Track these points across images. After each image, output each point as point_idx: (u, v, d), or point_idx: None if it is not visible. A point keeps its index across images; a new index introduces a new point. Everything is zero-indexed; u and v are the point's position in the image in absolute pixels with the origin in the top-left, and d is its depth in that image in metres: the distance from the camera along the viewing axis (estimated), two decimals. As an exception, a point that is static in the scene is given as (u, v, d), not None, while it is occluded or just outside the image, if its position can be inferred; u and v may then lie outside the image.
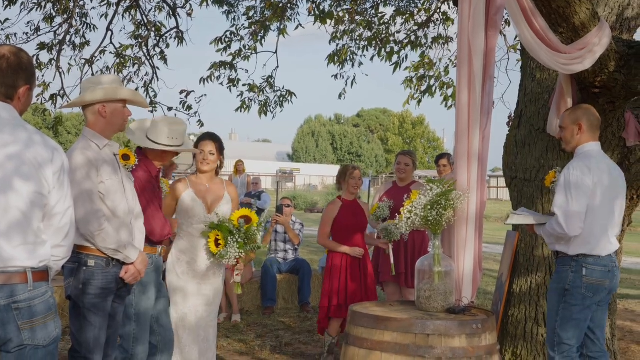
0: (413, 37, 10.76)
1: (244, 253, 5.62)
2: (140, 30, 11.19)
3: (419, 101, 10.74)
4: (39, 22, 10.91)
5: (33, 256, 3.31)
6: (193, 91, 10.90)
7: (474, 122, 5.14)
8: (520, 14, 5.20)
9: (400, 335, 4.35)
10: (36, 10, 10.63)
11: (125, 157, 4.85)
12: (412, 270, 7.34)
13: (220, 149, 5.97)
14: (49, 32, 10.82)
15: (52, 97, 10.79)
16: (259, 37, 10.69)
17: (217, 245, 5.64)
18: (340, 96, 11.55)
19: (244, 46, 10.78)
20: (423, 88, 10.72)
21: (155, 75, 11.20)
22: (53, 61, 10.76)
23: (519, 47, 9.30)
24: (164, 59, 11.24)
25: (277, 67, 11.10)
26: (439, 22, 10.90)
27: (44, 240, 3.38)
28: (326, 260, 7.59)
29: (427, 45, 10.85)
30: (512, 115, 7.19)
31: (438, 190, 4.85)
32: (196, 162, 5.96)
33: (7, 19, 10.51)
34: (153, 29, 11.12)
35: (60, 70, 10.75)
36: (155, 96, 11.10)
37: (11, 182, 3.28)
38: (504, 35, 10.50)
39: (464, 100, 5.16)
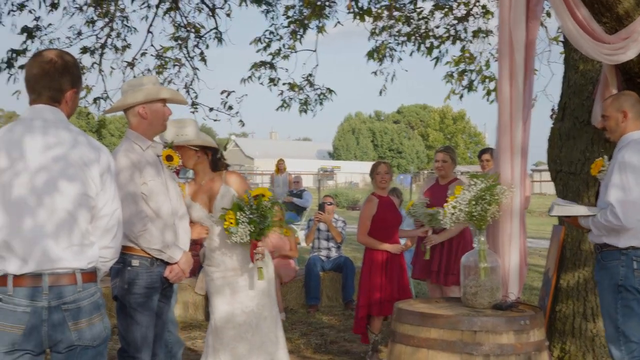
0: (453, 32, 10.67)
1: (255, 230, 5.16)
2: (180, 32, 11.25)
3: (461, 96, 10.64)
4: (80, 26, 11.02)
5: (81, 257, 3.35)
6: (233, 91, 10.96)
7: (516, 116, 5.08)
8: (562, 4, 5.12)
9: (447, 332, 4.32)
10: (78, 14, 10.74)
11: (169, 158, 4.88)
12: (447, 268, 7.32)
13: (203, 151, 5.42)
14: (91, 35, 10.92)
15: (96, 100, 10.92)
16: (298, 36, 10.69)
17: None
18: (380, 92, 11.50)
19: (284, 45, 10.79)
20: (464, 82, 10.63)
21: (195, 76, 11.26)
22: (95, 64, 10.89)
23: (560, 38, 9.18)
24: (203, 59, 11.28)
25: (317, 65, 11.10)
26: (478, 16, 10.78)
27: (92, 242, 3.41)
28: (364, 258, 7.57)
29: (467, 39, 10.75)
30: (556, 108, 7.10)
31: (482, 185, 4.81)
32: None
33: (50, 24, 10.69)
34: (192, 30, 11.17)
35: (103, 73, 10.90)
36: (196, 97, 11.16)
37: (57, 183, 3.31)
38: (545, 27, 10.36)
39: (505, 93, 5.11)
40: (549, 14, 9.59)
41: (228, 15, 11.12)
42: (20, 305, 3.26)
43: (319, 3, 10.33)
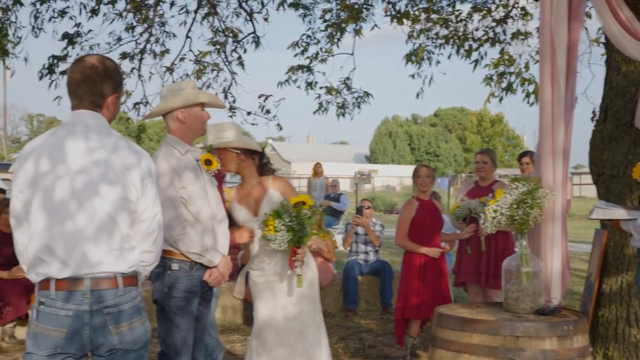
0: (491, 34, 10.57)
1: (293, 238, 5.16)
2: (218, 37, 11.31)
3: (500, 99, 10.54)
4: (120, 32, 11.14)
5: (122, 261, 3.36)
6: (271, 95, 10.96)
7: (558, 118, 5.02)
8: (605, 5, 5.04)
9: (489, 337, 4.26)
10: (117, 20, 10.85)
11: (208, 162, 4.89)
12: (494, 270, 7.25)
13: (250, 151, 5.47)
14: (130, 41, 11.01)
15: (135, 106, 11.03)
16: (335, 39, 10.68)
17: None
18: (417, 95, 11.44)
19: (321, 49, 10.79)
20: (503, 85, 10.52)
21: (233, 80, 11.31)
22: (135, 70, 10.99)
23: (602, 40, 9.05)
24: (241, 64, 11.33)
25: (354, 68, 11.07)
26: (517, 18, 10.68)
27: (132, 246, 3.42)
28: (403, 261, 7.54)
29: (506, 42, 10.65)
30: (597, 110, 7.00)
31: (524, 188, 4.75)
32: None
33: (90, 30, 10.74)
34: (230, 34, 11.22)
35: (142, 78, 11.00)
36: (234, 101, 11.21)
37: (98, 187, 3.33)
38: (586, 29, 10.23)
39: (547, 96, 5.04)
40: (589, 15, 9.46)
41: (266, 19, 11.17)
42: (63, 309, 3.27)
43: (356, 6, 10.31)
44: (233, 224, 5.41)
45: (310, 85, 10.97)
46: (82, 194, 3.31)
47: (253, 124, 10.98)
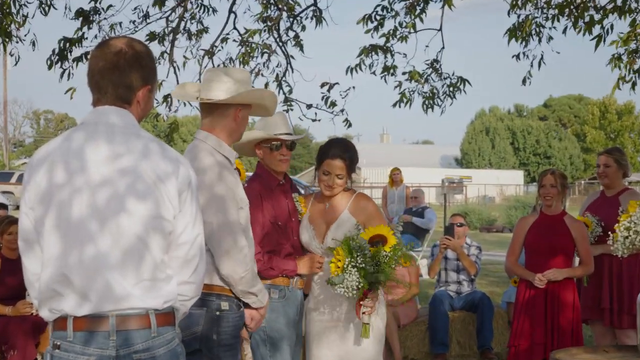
0: (619, 1, 10.40)
1: (365, 283, 5.31)
2: (270, 11, 11.34)
3: (633, 84, 10.33)
4: (147, 7, 11.16)
5: (156, 295, 3.37)
6: (337, 83, 10.89)
7: None
8: None
9: (621, 392, 4.20)
10: (144, -8, 10.95)
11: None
12: (622, 305, 7.16)
13: (350, 167, 5.82)
14: (160, 18, 11.08)
15: (166, 99, 11.00)
16: (418, 11, 10.63)
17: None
18: (524, 81, 11.34)
19: (400, 24, 10.75)
20: (636, 67, 10.32)
21: (289, 65, 11.32)
22: (165, 54, 11.02)
23: None
24: (299, 44, 11.34)
25: (443, 48, 11.03)
26: (653, -20, 10.51)
27: (169, 276, 3.43)
28: (517, 291, 7.55)
29: (638, 10, 10.48)
30: None
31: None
32: (318, 180, 5.89)
33: (110, 6, 10.76)
34: (285, 8, 11.21)
35: (175, 64, 10.99)
36: (290, 91, 11.21)
37: (125, 202, 3.33)
38: None
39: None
40: None
41: (330, -13, 11.20)
42: (83, 354, 3.29)
43: (443, -31, 10.27)
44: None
45: (388, 70, 10.93)
46: (106, 211, 3.33)
47: (314, 120, 10.90)
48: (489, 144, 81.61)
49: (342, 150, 5.78)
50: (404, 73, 10.97)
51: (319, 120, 10.94)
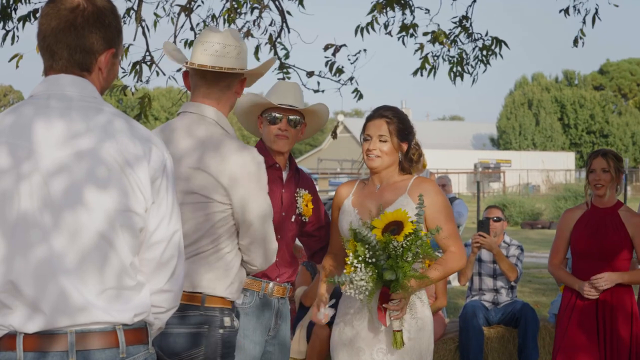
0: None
1: (373, 282, 5.36)
2: (260, -45, 11.31)
3: None
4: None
5: (124, 306, 3.36)
6: (344, 45, 10.87)
7: None
8: None
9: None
10: None
11: None
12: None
13: (399, 131, 5.96)
14: (125, -35, 11.11)
15: (135, 67, 10.96)
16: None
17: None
18: (574, 42, 11.32)
19: (421, -29, 10.77)
20: None
21: (285, 24, 11.28)
22: (132, 11, 10.99)
23: None
24: (297, -2, 11.33)
25: (474, 1, 11.01)
26: None
27: (140, 283, 3.43)
28: (562, 299, 7.60)
29: None
30: None
31: None
32: (362, 152, 6.03)
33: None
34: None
35: (144, 24, 10.96)
36: (286, 56, 11.16)
37: (84, 193, 3.33)
38: None
39: None
40: None
41: None
42: (34, 380, 3.29)
43: None
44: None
45: (407, 29, 10.91)
46: (61, 204, 3.32)
47: (317, 91, 10.85)
48: (532, 120, 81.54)
49: (384, 109, 6.01)
50: (426, 33, 10.94)
51: (323, 92, 10.84)
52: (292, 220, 5.98)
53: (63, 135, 3.38)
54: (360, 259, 5.33)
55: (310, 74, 10.85)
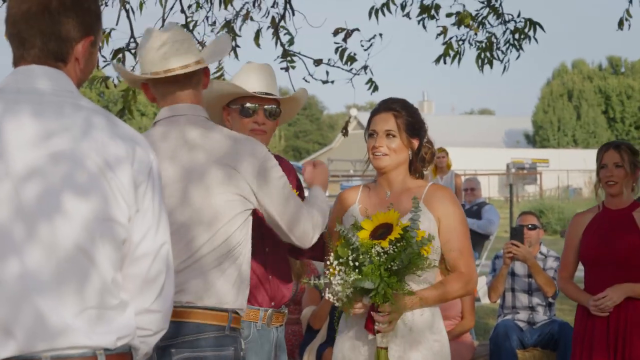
0: None
1: (349, 289, 5.34)
2: None
3: None
4: None
5: (106, 329, 3.38)
6: (357, 30, 10.87)
7: None
8: None
9: None
10: None
11: None
12: None
13: (409, 125, 5.89)
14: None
15: (117, 55, 10.97)
16: None
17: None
18: (620, 24, 11.32)
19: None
20: None
21: (288, 5, 11.30)
22: (114, -8, 11.05)
23: None
24: (302, -24, 11.36)
25: (505, -22, 11.03)
26: None
27: (123, 302, 3.44)
28: (575, 317, 7.72)
29: None
30: None
31: None
32: (367, 149, 5.99)
33: None
34: None
35: (128, 6, 10.97)
36: (290, 42, 11.17)
37: (59, 200, 3.34)
38: None
39: None
40: None
41: None
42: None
43: None
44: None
45: (427, 11, 10.91)
46: (34, 213, 3.32)
47: (326, 82, 10.86)
48: (572, 114, 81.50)
49: (391, 101, 5.93)
50: (449, 15, 10.96)
51: (332, 82, 10.81)
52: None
53: (35, 134, 3.38)
54: (340, 260, 5.33)
55: (318, 62, 10.82)
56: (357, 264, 5.29)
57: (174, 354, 4.80)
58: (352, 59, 10.80)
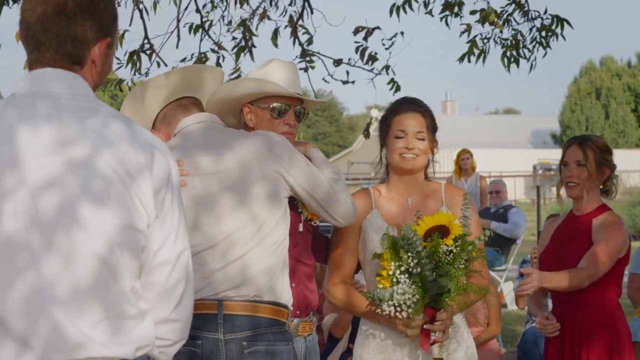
0: None
1: (421, 295, 5.28)
2: None
3: None
4: None
5: (125, 339, 3.37)
6: (377, 28, 10.87)
7: None
8: None
9: None
10: None
11: None
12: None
13: (433, 126, 5.91)
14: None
15: (132, 57, 10.97)
16: None
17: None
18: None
19: None
20: None
21: (307, 3, 11.29)
22: (129, -7, 11.05)
23: None
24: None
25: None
26: None
27: (142, 311, 3.44)
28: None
29: None
30: None
31: None
32: (388, 153, 5.92)
33: None
34: None
35: (141, 7, 10.97)
36: (309, 41, 11.17)
37: (76, 210, 3.32)
38: None
39: None
40: None
41: None
42: None
43: None
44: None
45: (451, 8, 10.90)
46: (51, 223, 3.31)
47: (346, 82, 10.85)
48: (600, 112, 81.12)
49: (415, 102, 5.92)
50: (473, 12, 10.94)
51: (353, 83, 10.82)
52: (301, 230, 5.66)
53: (52, 141, 3.36)
54: (403, 269, 5.28)
55: (338, 62, 10.84)
56: (419, 269, 5.26)
57: (246, 347, 4.99)
58: (373, 58, 10.81)
